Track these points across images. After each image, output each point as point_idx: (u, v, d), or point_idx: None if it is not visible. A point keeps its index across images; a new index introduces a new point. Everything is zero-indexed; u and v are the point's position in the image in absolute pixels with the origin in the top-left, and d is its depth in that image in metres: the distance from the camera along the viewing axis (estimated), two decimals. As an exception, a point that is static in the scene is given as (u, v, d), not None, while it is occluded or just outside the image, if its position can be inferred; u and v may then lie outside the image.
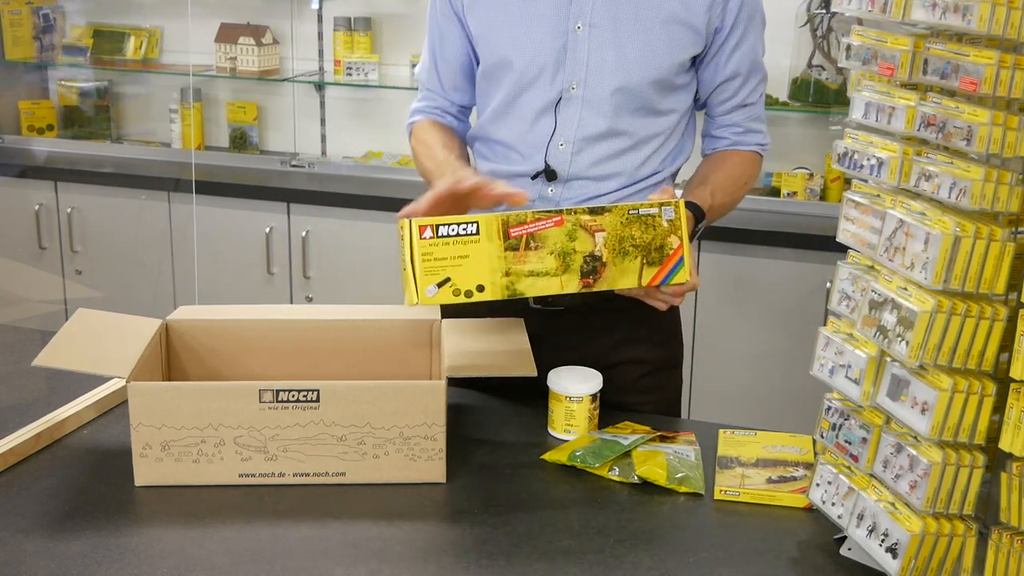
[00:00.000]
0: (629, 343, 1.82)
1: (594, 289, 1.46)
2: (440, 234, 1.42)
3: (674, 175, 1.83)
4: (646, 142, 1.74)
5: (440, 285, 1.42)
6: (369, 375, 1.64)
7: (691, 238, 1.63)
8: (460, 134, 1.88)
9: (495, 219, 1.43)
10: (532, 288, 1.45)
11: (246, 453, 1.45)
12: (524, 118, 1.74)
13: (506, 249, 1.43)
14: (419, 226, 1.41)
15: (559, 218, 1.45)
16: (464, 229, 1.42)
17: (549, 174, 1.73)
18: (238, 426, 1.44)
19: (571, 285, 1.46)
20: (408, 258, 1.42)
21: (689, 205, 1.66)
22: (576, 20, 1.68)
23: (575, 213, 1.45)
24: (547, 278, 1.45)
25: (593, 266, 1.46)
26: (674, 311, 1.89)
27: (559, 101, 1.71)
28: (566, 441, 1.60)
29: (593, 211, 1.46)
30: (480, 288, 1.43)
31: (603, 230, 1.46)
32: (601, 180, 1.74)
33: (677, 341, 1.91)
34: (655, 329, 1.84)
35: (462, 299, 1.43)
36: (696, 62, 1.75)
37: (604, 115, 1.71)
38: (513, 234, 1.44)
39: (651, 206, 1.47)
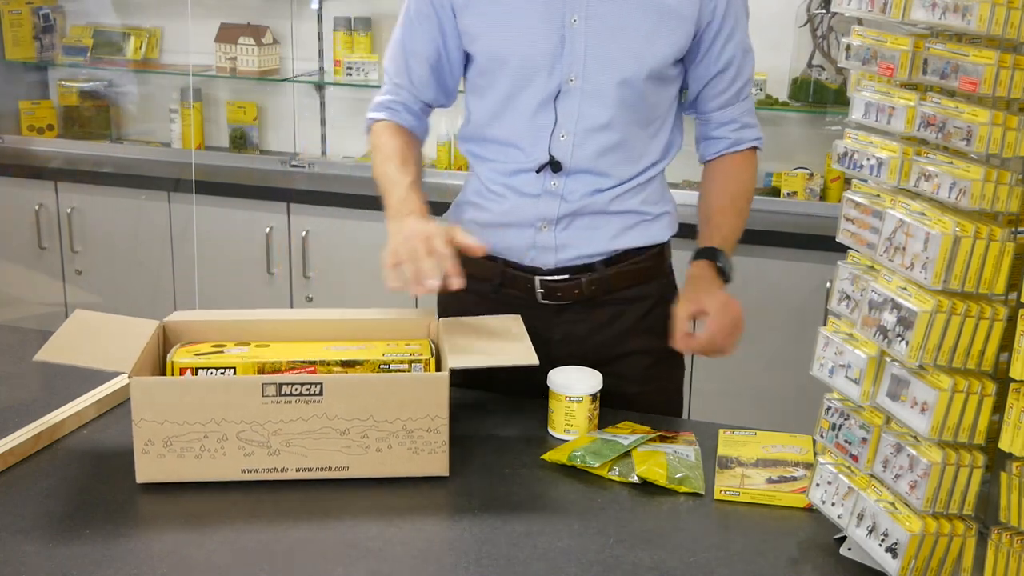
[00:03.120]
0: (634, 334, 1.83)
1: None
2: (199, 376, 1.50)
3: (665, 165, 1.85)
4: (643, 131, 1.77)
5: None
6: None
7: (724, 274, 1.80)
8: (419, 135, 1.88)
9: (251, 367, 1.50)
10: None
11: (249, 448, 1.44)
12: (523, 113, 1.74)
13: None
14: (180, 368, 1.50)
15: (312, 368, 1.52)
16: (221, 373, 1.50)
17: (554, 165, 1.73)
18: (241, 420, 1.43)
19: None
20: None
21: (705, 252, 1.79)
22: (571, 13, 1.69)
23: (328, 364, 1.51)
24: None
25: None
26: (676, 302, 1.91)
27: (558, 94, 1.71)
28: (566, 441, 1.60)
29: (346, 364, 1.52)
30: None
31: None
32: (601, 174, 1.75)
33: None
34: (660, 320, 1.84)
35: None
36: (687, 56, 1.76)
37: (604, 107, 1.72)
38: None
39: (403, 362, 1.52)
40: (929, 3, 1.17)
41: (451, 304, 1.89)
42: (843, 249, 1.33)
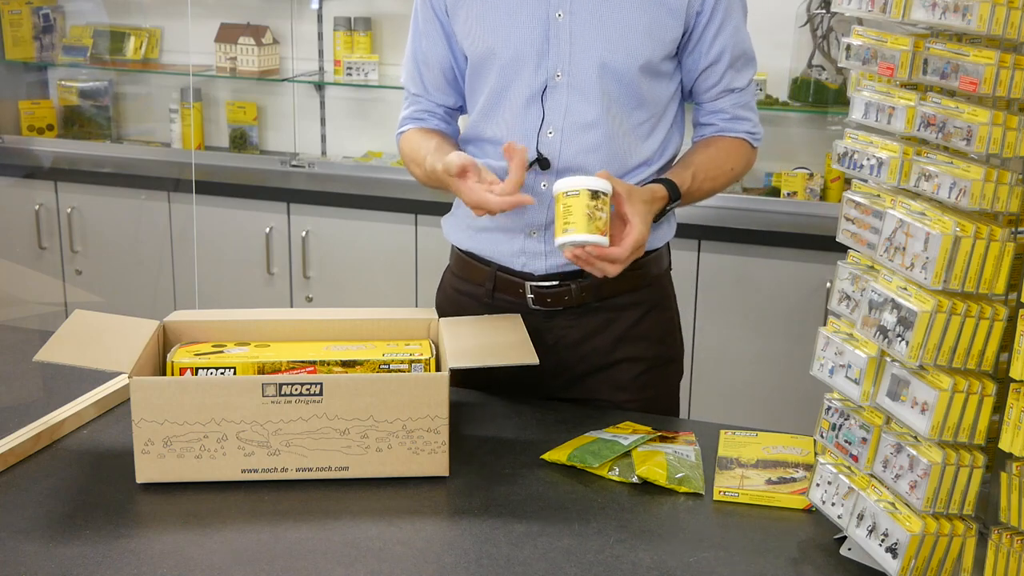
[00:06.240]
0: (627, 341, 1.82)
1: None
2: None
3: (664, 168, 1.81)
4: (634, 130, 1.75)
5: None
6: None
7: (662, 215, 1.71)
8: (449, 134, 1.88)
9: (251, 367, 1.51)
10: None
11: (249, 448, 1.45)
12: (512, 110, 1.74)
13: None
14: (180, 368, 1.51)
15: (312, 368, 1.53)
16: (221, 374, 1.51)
17: (542, 163, 1.73)
18: (240, 420, 1.43)
19: None
20: None
21: (665, 182, 1.71)
22: (556, 8, 1.69)
23: (328, 364, 1.53)
24: None
25: None
26: (671, 308, 1.89)
27: (545, 90, 1.71)
28: (571, 239, 1.53)
29: (346, 364, 1.53)
30: None
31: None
32: (591, 170, 1.73)
33: (674, 337, 1.90)
34: (653, 326, 1.84)
35: None
36: (679, 49, 1.75)
37: (591, 102, 1.71)
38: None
39: (403, 362, 1.54)
40: (929, 3, 1.17)
41: (447, 309, 1.89)
42: (843, 249, 1.33)
